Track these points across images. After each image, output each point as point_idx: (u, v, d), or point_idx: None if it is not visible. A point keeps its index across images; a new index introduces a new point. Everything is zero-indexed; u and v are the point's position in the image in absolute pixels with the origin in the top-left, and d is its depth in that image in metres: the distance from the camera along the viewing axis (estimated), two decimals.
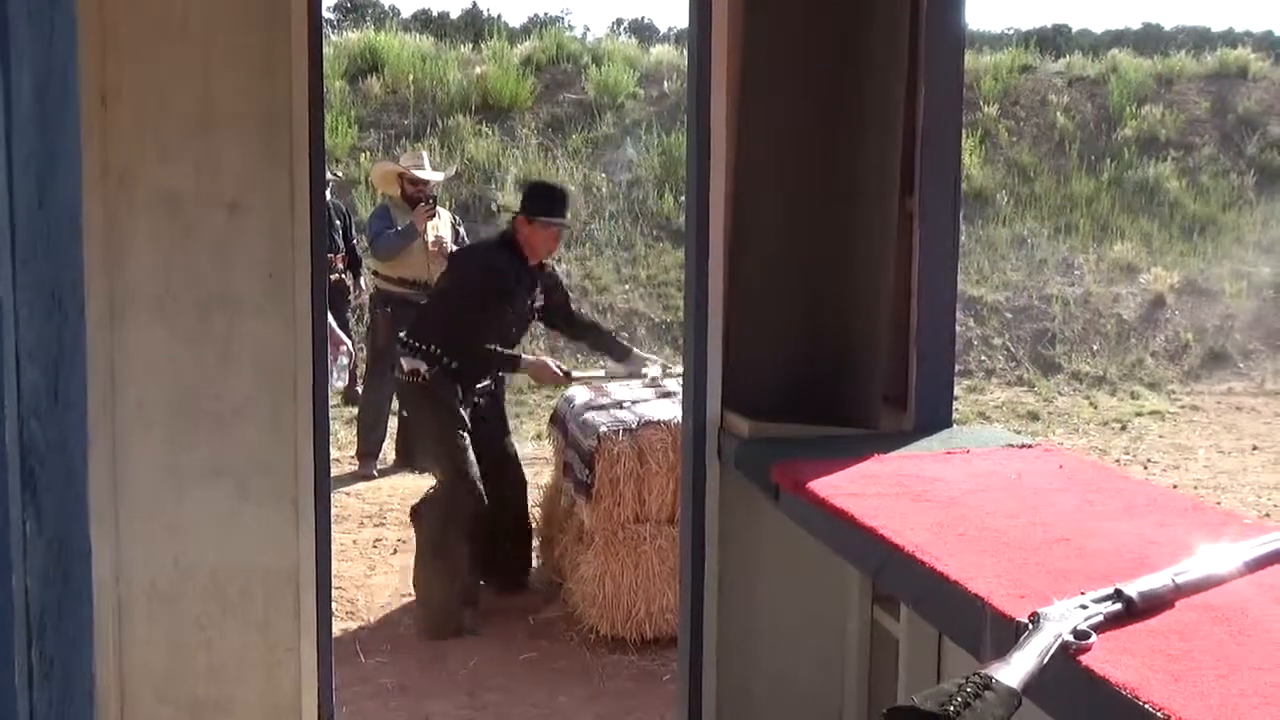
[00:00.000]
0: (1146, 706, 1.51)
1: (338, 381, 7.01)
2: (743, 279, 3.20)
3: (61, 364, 0.61)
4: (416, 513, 5.85)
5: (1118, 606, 1.79)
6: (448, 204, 12.08)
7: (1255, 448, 9.78)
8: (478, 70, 14.80)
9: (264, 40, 3.00)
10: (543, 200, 5.78)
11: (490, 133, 13.75)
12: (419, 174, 8.10)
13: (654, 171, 13.70)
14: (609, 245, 12.71)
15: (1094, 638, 1.70)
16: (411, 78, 14.49)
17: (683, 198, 13.52)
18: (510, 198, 12.74)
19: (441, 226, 8.11)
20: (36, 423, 0.59)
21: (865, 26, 3.09)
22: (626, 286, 12.29)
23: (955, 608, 2.01)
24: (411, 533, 6.89)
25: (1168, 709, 1.49)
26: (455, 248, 8.11)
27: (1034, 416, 10.72)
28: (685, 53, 14.65)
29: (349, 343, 7.30)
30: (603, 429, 5.31)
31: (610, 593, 5.29)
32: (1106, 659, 1.65)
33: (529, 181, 6.46)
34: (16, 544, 0.56)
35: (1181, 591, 1.89)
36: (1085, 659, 1.65)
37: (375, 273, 8.30)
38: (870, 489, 2.58)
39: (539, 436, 8.96)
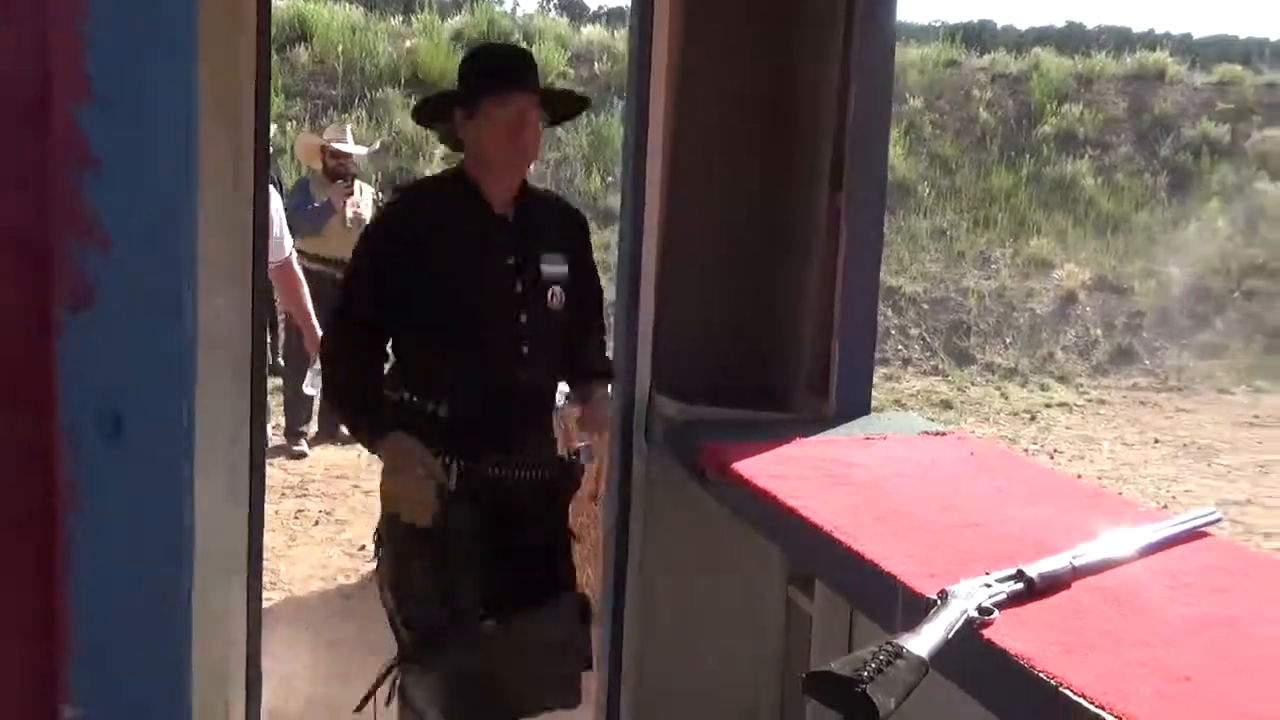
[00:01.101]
0: (1041, 675, 1.65)
1: (310, 388, 6.34)
2: (675, 266, 3.31)
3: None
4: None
5: (1019, 586, 1.94)
6: (374, 178, 12.05)
7: (1157, 441, 10.10)
8: (408, 43, 14.77)
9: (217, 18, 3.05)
10: (476, 71, 3.05)
11: None
12: (340, 147, 8.04)
13: (582, 151, 13.77)
14: None
15: (997, 614, 1.84)
16: (340, 48, 14.42)
17: (610, 178, 13.61)
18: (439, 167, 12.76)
19: (362, 202, 8.07)
20: None
21: (800, 26, 3.21)
22: None
23: (870, 585, 2.14)
24: (335, 504, 6.91)
25: (1060, 678, 1.63)
26: None
27: (947, 405, 10.98)
28: (615, 33, 14.66)
29: None
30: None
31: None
32: (1007, 633, 1.79)
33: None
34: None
35: (1079, 573, 2.04)
36: (987, 633, 1.79)
37: (297, 249, 8.28)
38: (792, 471, 2.70)
39: None
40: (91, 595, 0.41)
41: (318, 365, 5.35)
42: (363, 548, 6.14)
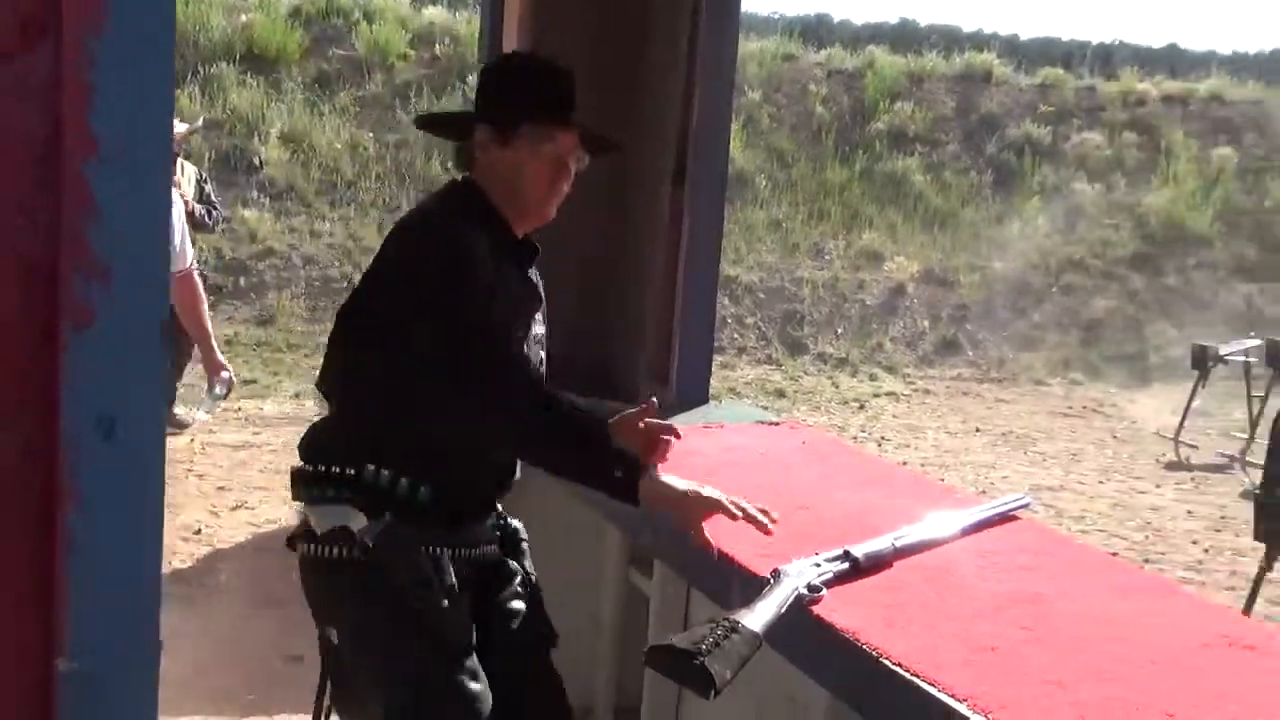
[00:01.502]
0: (864, 647, 1.79)
1: (203, 412, 5.81)
2: None
3: None
4: None
5: (846, 565, 2.08)
6: (207, 156, 11.81)
7: (978, 430, 10.52)
8: (243, 18, 14.46)
9: None
10: (520, 91, 2.47)
11: (255, 84, 13.47)
12: None
13: (423, 135, 13.68)
14: (375, 206, 12.68)
15: (825, 591, 1.98)
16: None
17: (451, 163, 13.57)
18: (276, 151, 12.56)
19: (184, 182, 7.85)
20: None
21: (648, 13, 3.32)
22: None
23: (708, 566, 2.26)
24: (170, 489, 6.83)
25: (880, 649, 1.77)
26: (200, 206, 7.82)
27: (781, 394, 11.25)
28: (457, 14, 14.47)
29: (231, 370, 5.24)
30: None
31: None
32: (834, 609, 1.93)
33: (487, 66, 2.88)
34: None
35: (900, 553, 2.19)
36: (816, 609, 1.93)
37: None
38: None
39: (298, 396, 8.94)
40: (85, 569, 0.48)
41: (218, 390, 4.79)
42: (198, 532, 6.08)
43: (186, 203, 7.61)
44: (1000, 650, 1.80)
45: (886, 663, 1.74)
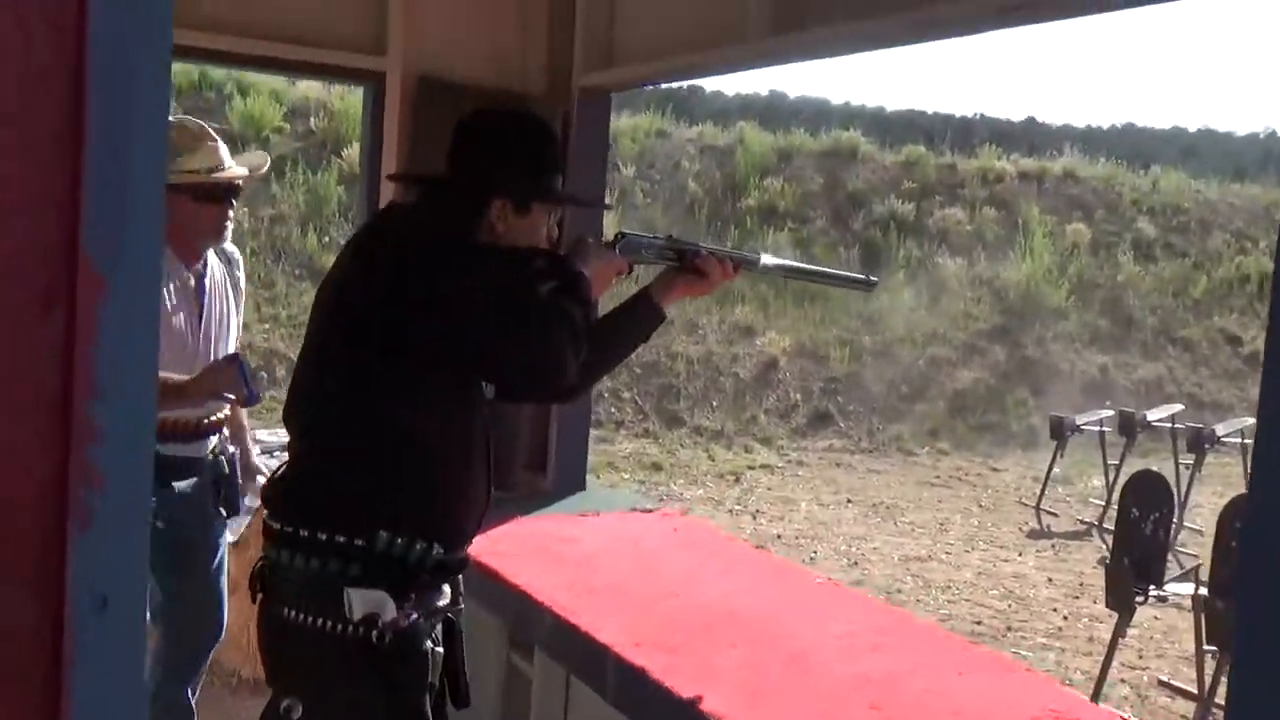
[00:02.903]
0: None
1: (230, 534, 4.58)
2: None
3: None
4: None
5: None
6: None
7: (850, 501, 10.80)
8: None
9: None
10: (545, 159, 2.39)
11: None
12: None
13: (298, 209, 13.71)
14: (250, 282, 12.64)
15: None
16: None
17: (326, 238, 13.62)
18: None
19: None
20: None
21: None
22: (266, 325, 12.26)
23: (584, 653, 2.40)
24: None
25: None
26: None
27: (657, 467, 11.43)
28: (331, 89, 14.42)
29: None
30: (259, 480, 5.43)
31: (253, 638, 5.41)
32: (698, 689, 2.07)
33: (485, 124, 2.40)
34: None
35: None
36: (678, 690, 2.07)
37: None
38: (513, 549, 2.95)
39: None
40: (83, 712, 0.61)
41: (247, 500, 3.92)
42: None
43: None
44: None
45: None
